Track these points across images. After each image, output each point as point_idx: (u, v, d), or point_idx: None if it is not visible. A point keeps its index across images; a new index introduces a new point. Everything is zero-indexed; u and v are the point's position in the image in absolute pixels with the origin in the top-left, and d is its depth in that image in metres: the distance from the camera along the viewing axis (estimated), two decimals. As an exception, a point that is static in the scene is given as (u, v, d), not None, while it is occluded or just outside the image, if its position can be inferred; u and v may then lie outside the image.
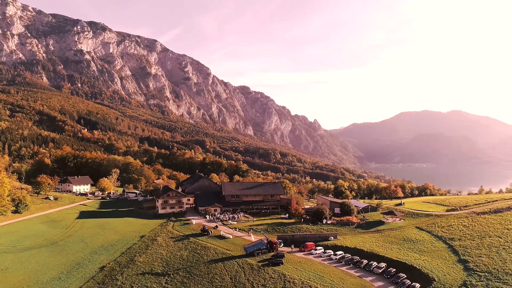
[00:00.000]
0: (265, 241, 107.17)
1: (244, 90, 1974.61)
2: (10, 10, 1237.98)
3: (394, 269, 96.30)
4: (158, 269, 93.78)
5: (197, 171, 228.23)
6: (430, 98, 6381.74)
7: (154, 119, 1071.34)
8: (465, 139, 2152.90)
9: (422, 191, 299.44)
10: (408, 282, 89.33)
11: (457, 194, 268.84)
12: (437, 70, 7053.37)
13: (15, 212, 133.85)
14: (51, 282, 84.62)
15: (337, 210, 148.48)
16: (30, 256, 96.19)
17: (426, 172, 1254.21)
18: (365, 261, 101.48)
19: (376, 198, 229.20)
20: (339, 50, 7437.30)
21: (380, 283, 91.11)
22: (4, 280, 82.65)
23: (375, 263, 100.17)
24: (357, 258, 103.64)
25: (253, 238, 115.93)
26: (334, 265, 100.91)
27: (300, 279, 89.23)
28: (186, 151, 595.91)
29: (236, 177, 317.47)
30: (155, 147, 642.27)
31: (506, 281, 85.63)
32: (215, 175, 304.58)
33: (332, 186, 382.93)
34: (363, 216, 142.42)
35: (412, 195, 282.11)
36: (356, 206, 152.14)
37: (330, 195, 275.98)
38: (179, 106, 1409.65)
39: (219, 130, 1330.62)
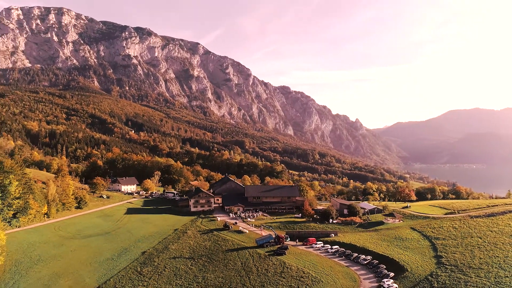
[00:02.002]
0: (273, 236, 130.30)
1: (284, 90, 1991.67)
2: (65, 19, 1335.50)
3: (377, 261, 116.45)
4: (186, 255, 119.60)
5: (226, 174, 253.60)
6: (481, 95, 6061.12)
7: (196, 120, 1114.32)
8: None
9: (454, 194, 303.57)
10: (385, 271, 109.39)
11: (494, 197, 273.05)
12: (489, 65, 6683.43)
13: (77, 207, 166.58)
14: (106, 261, 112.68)
15: (345, 211, 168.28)
16: (90, 242, 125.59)
17: (475, 174, 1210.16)
18: (355, 254, 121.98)
19: (393, 201, 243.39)
20: (383, 47, 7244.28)
21: (363, 272, 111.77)
22: (74, 258, 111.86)
23: (363, 256, 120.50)
24: (349, 251, 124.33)
25: (263, 233, 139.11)
26: (329, 256, 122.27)
27: (297, 266, 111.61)
28: (224, 152, 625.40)
29: (267, 178, 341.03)
30: (196, 148, 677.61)
31: (467, 273, 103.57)
32: (247, 176, 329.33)
33: (363, 187, 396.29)
34: (367, 217, 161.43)
35: (444, 198, 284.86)
36: (363, 208, 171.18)
37: (354, 196, 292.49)
38: (220, 107, 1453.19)
39: (259, 130, 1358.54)
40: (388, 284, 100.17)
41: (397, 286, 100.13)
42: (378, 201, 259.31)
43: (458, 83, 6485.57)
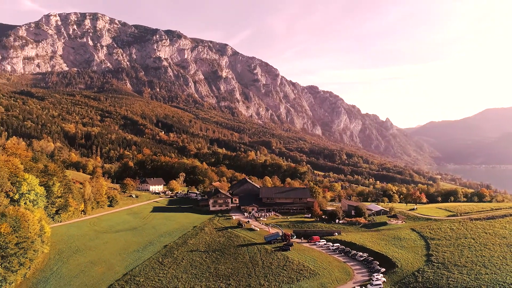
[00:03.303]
0: (280, 233, 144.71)
1: (312, 89, 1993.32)
2: (100, 24, 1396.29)
3: (372, 258, 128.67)
4: (201, 249, 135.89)
5: (246, 176, 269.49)
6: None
7: (224, 120, 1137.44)
8: None
9: (478, 197, 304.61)
10: (377, 267, 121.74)
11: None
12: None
13: (109, 206, 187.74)
14: (133, 252, 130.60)
15: (353, 212, 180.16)
16: (120, 236, 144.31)
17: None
18: (353, 251, 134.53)
19: (405, 203, 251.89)
20: (415, 43, 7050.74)
21: (357, 267, 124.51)
22: (106, 249, 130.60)
23: (360, 253, 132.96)
24: (348, 249, 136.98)
25: (271, 231, 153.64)
26: (329, 253, 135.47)
27: (298, 261, 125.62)
28: (250, 153, 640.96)
29: (288, 179, 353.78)
30: (223, 149, 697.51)
31: (452, 270, 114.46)
32: (268, 178, 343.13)
33: (384, 187, 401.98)
34: (373, 218, 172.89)
35: (468, 200, 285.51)
36: (370, 209, 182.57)
37: (370, 198, 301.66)
38: (248, 107, 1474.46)
39: (286, 130, 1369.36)
40: (377, 278, 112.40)
41: (385, 280, 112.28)
42: (399, 202, 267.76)
43: (495, 81, 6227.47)
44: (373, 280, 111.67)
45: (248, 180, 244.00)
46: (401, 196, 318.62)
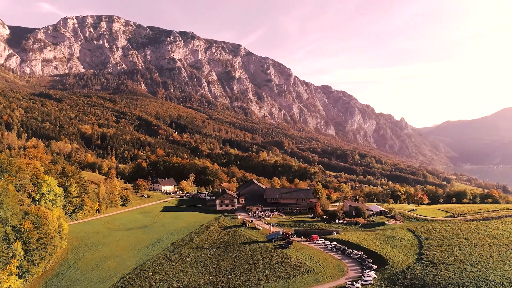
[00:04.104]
0: (281, 232, 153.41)
1: (325, 89, 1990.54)
2: (115, 26, 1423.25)
3: (366, 256, 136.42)
4: (207, 246, 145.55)
5: (256, 177, 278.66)
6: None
7: (237, 121, 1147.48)
8: None
9: (481, 198, 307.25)
10: (370, 264, 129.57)
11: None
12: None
13: (122, 205, 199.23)
14: (143, 249, 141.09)
15: (354, 212, 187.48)
16: (132, 233, 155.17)
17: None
18: (349, 250, 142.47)
19: (408, 203, 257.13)
20: (430, 42, 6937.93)
21: (351, 264, 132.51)
22: (118, 245, 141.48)
23: (355, 251, 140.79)
24: (344, 247, 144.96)
25: (273, 229, 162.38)
26: (326, 251, 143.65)
27: (296, 258, 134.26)
28: (262, 153, 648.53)
29: (296, 180, 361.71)
30: (235, 149, 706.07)
31: (439, 268, 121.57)
32: (277, 178, 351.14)
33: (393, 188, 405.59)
34: (372, 218, 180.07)
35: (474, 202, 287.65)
36: (370, 210, 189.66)
37: (376, 199, 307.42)
38: (261, 107, 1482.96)
39: (299, 130, 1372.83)
40: (368, 274, 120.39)
41: (375, 276, 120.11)
42: (407, 203, 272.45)
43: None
44: (364, 276, 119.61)
45: (255, 181, 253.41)
46: (409, 197, 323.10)
